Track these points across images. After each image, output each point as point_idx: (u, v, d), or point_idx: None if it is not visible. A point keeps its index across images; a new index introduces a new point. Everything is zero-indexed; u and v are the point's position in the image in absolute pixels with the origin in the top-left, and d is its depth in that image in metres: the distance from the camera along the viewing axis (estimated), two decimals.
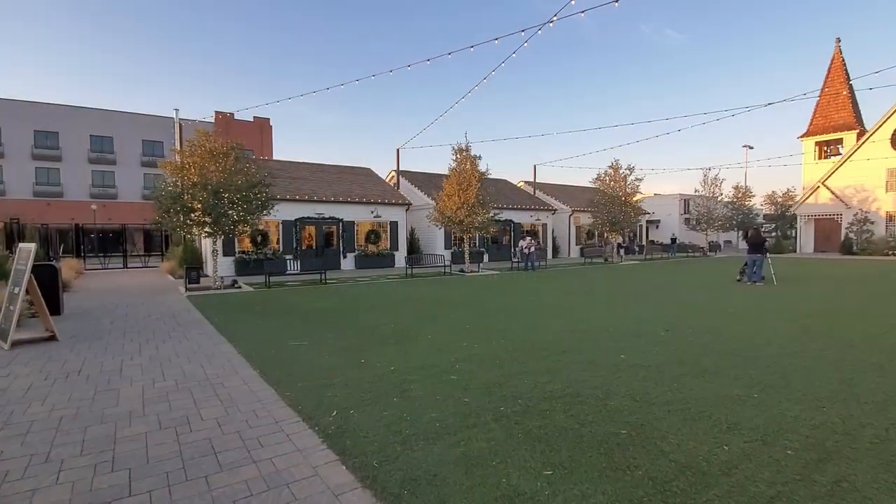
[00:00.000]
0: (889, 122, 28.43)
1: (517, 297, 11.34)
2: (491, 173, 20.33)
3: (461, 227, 19.42)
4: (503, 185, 32.31)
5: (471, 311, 9.07)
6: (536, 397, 4.14)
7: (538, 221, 29.17)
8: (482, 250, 25.82)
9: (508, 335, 6.81)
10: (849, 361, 5.24)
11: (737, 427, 3.47)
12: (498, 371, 4.97)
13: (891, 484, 2.68)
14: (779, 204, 41.11)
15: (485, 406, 3.93)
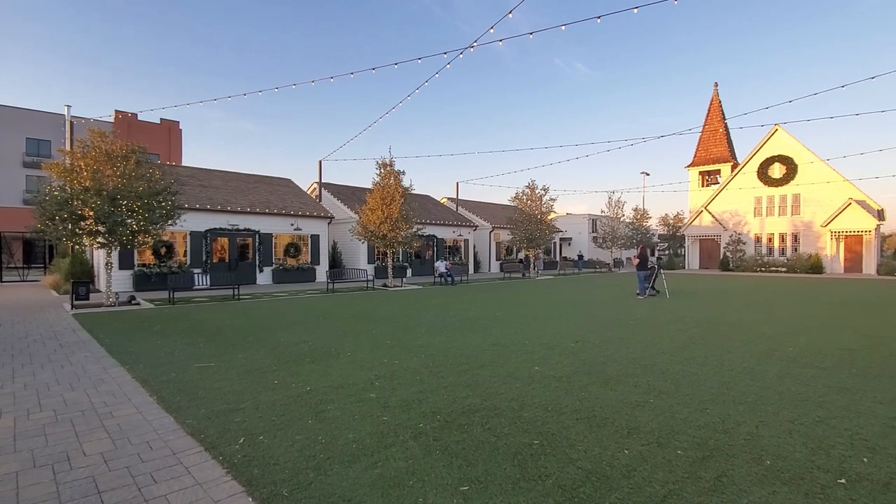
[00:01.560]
0: (755, 157, 32.80)
1: (439, 311, 11.42)
2: (414, 189, 20.46)
3: (384, 242, 19.27)
4: (427, 200, 32.63)
5: (393, 327, 8.97)
6: (455, 412, 4.16)
7: (460, 237, 29.76)
8: (406, 265, 25.78)
9: (429, 350, 6.81)
10: (727, 367, 5.87)
11: (636, 431, 3.73)
12: (418, 387, 4.94)
13: (762, 476, 3.01)
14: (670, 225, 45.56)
15: (404, 424, 3.88)
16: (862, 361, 6.13)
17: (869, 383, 5.11)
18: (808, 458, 3.26)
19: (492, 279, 24.89)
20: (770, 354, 6.57)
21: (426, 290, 18.24)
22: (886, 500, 2.70)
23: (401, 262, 25.22)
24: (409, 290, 17.82)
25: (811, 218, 30.51)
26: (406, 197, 19.56)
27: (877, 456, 3.29)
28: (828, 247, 29.67)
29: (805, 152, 30.80)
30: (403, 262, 25.68)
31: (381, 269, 23.39)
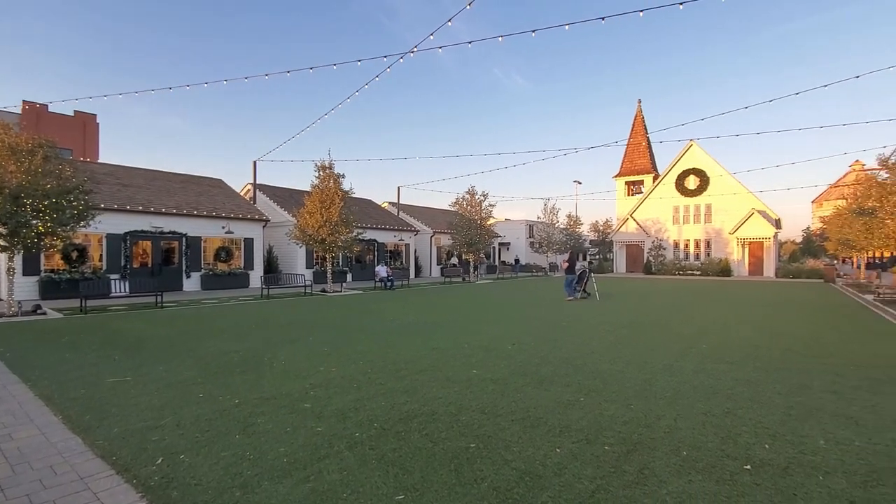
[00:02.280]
0: (674, 169, 35.40)
1: (378, 317, 11.25)
2: (355, 192, 20.09)
3: (323, 246, 18.73)
4: (367, 204, 32.16)
5: (331, 333, 8.71)
6: (393, 419, 4.09)
7: (401, 242, 29.58)
8: (346, 270, 25.22)
9: (368, 356, 6.67)
10: (649, 364, 6.23)
11: (567, 430, 3.85)
12: (355, 394, 4.81)
13: (679, 466, 3.19)
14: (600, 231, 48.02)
15: (339, 433, 3.75)
16: (764, 356, 6.74)
17: (770, 375, 5.62)
18: (719, 447, 3.51)
19: (433, 283, 24.95)
20: (687, 352, 7.05)
21: (366, 295, 17.94)
22: (785, 483, 2.95)
23: (341, 267, 24.64)
24: (349, 296, 17.44)
25: (721, 226, 33.32)
26: (346, 200, 19.15)
27: (777, 442, 3.60)
28: (735, 252, 32.54)
29: (716, 166, 33.65)
30: (343, 267, 25.11)
31: (320, 273, 22.71)
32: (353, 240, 19.83)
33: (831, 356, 6.73)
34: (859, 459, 3.28)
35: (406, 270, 28.45)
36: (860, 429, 3.87)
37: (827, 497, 2.78)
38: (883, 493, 2.80)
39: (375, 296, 17.43)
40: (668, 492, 2.84)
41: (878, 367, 6.09)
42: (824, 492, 2.84)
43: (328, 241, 18.47)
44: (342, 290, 19.20)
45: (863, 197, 19.35)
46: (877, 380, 5.44)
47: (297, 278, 18.79)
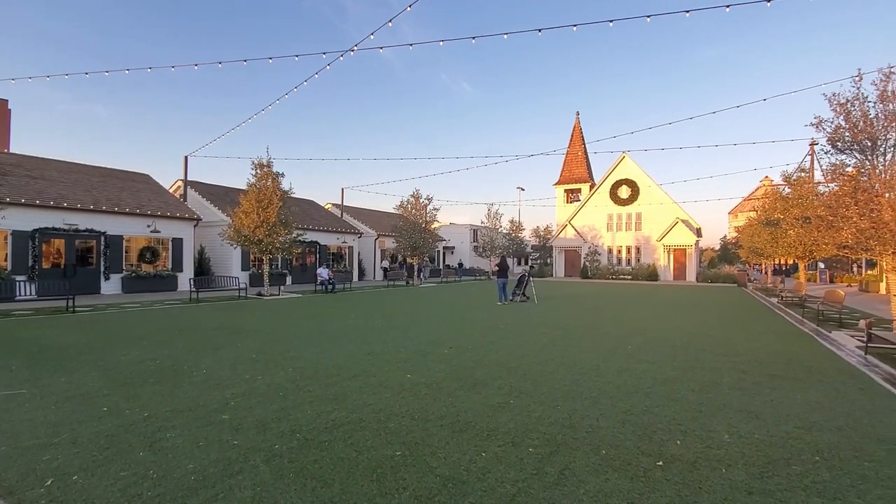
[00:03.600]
0: (608, 179, 37.21)
1: (316, 321, 10.87)
2: (295, 192, 19.40)
3: (260, 248, 17.91)
4: (309, 205, 31.22)
5: (262, 339, 8.28)
6: (318, 428, 3.91)
7: (345, 244, 28.95)
8: (285, 272, 24.28)
9: (299, 362, 6.39)
10: (579, 365, 6.42)
11: (495, 433, 3.85)
12: (279, 404, 4.56)
13: (597, 465, 3.27)
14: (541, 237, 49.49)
15: (257, 446, 3.52)
16: (681, 356, 7.15)
17: (685, 374, 5.95)
18: (636, 444, 3.64)
19: (376, 287, 24.58)
20: (613, 352, 7.35)
21: (306, 298, 17.34)
22: (692, 477, 3.10)
23: (279, 270, 23.70)
24: (287, 299, 16.78)
25: (650, 233, 35.37)
26: (285, 200, 18.46)
27: (688, 438, 3.79)
28: (662, 258, 34.65)
29: (645, 177, 35.72)
30: (283, 270, 24.16)
31: (257, 276, 21.72)
32: (293, 241, 19.13)
33: (738, 355, 7.26)
34: (758, 451, 3.52)
35: (349, 273, 27.86)
36: (760, 422, 4.16)
37: (728, 489, 2.94)
38: (777, 483, 3.01)
39: (315, 299, 16.89)
40: (586, 491, 2.89)
41: (777, 364, 6.64)
42: (726, 484, 3.00)
43: (265, 243, 17.70)
44: (280, 294, 18.45)
45: (769, 209, 21.26)
46: (776, 376, 5.91)
47: (232, 281, 17.84)
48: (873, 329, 7.76)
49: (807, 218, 15.96)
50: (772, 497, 2.83)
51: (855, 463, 3.31)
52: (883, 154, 9.09)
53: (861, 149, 9.32)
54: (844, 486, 2.96)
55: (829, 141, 9.76)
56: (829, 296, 12.06)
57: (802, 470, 3.20)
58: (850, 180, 9.60)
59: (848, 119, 9.34)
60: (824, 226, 11.23)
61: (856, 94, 9.23)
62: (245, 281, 19.93)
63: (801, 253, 18.00)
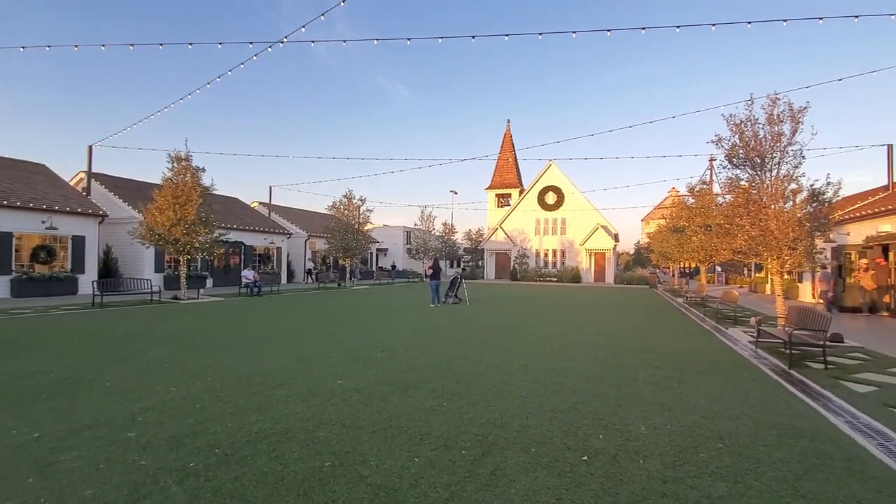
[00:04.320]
0: (536, 186, 38.73)
1: (239, 326, 10.22)
2: (217, 189, 18.17)
3: (176, 248, 16.54)
4: (233, 203, 29.45)
5: (177, 346, 7.62)
6: (239, 442, 3.63)
7: (272, 245, 27.60)
8: (205, 274, 22.66)
9: (219, 371, 5.94)
10: (509, 365, 6.55)
11: (427, 437, 3.80)
12: (195, 417, 4.19)
13: (527, 464, 3.32)
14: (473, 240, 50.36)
15: (169, 466, 3.20)
16: (601, 354, 7.55)
17: (606, 371, 6.28)
18: (562, 441, 3.76)
19: (306, 289, 23.66)
20: (541, 352, 7.60)
21: (228, 302, 16.27)
22: (614, 469, 3.24)
23: (199, 272, 22.08)
24: (207, 303, 15.64)
25: (573, 238, 37.28)
26: (206, 197, 17.21)
27: (609, 432, 3.98)
28: (584, 261, 36.64)
29: (570, 185, 37.63)
30: (202, 271, 22.53)
31: (173, 278, 20.07)
32: (214, 241, 17.89)
33: (651, 351, 7.80)
34: (670, 442, 3.77)
35: (277, 275, 26.61)
36: (671, 414, 4.48)
37: (646, 478, 3.11)
38: (688, 471, 3.23)
39: (239, 303, 15.90)
40: (517, 490, 2.92)
41: (684, 359, 7.21)
42: (644, 474, 3.17)
43: (183, 242, 16.37)
44: (199, 298, 17.15)
45: (676, 218, 23.22)
46: (683, 370, 6.41)
47: (143, 284, 16.30)
48: (762, 326, 8.69)
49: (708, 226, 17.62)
50: (683, 484, 3.03)
51: (752, 448, 3.65)
52: (770, 170, 10.23)
53: (752, 165, 10.41)
54: (743, 470, 3.25)
55: (727, 157, 10.80)
56: (726, 296, 13.37)
57: (708, 457, 3.47)
58: (743, 193, 10.69)
59: (742, 138, 10.40)
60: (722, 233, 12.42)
61: (748, 116, 10.32)
62: (159, 284, 18.35)
63: (703, 257, 19.83)
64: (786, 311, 9.57)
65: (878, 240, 13.67)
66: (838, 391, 5.39)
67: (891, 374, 6.28)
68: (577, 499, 2.83)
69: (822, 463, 3.37)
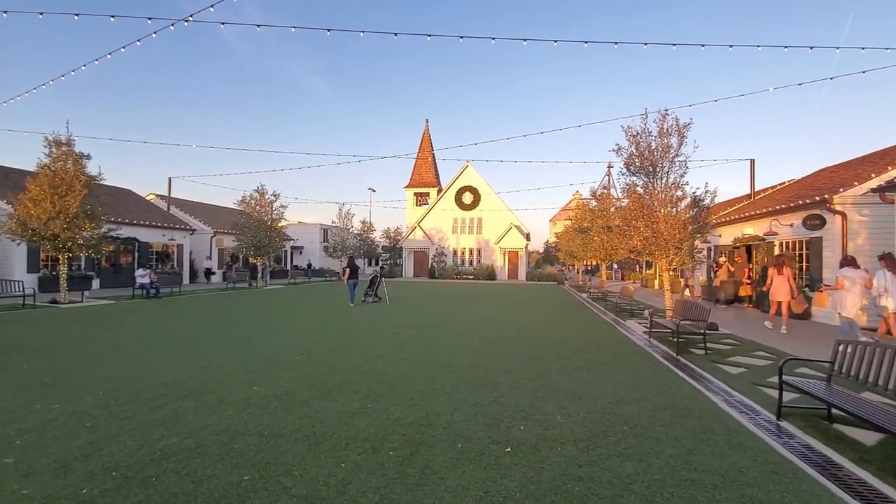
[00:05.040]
0: (454, 186, 39.44)
1: (134, 332, 9.16)
2: (105, 179, 16.11)
3: (55, 244, 14.41)
4: (126, 195, 26.41)
5: (58, 357, 6.64)
6: (141, 462, 3.25)
7: (173, 242, 25.14)
8: (90, 275, 20.03)
9: (112, 383, 5.28)
10: (432, 363, 6.60)
11: (353, 441, 3.69)
12: (86, 437, 3.69)
13: (455, 460, 3.37)
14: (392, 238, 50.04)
15: (56, 494, 2.77)
16: (519, 348, 7.89)
17: (524, 364, 6.57)
18: (487, 434, 3.86)
19: (212, 290, 21.88)
20: (462, 348, 7.75)
21: (120, 306, 14.53)
22: (535, 458, 3.40)
23: (82, 271, 19.47)
24: (94, 307, 13.84)
25: (489, 237, 38.53)
26: (92, 188, 15.20)
27: (529, 423, 4.16)
28: (499, 259, 38.03)
29: (485, 185, 38.83)
30: (87, 271, 19.90)
31: (51, 279, 17.50)
32: (102, 238, 15.88)
33: (562, 344, 8.31)
34: (583, 428, 4.03)
35: (178, 275, 24.30)
36: (583, 402, 4.80)
37: (563, 464, 3.30)
38: (599, 454, 3.48)
39: (133, 307, 14.27)
40: (446, 487, 2.95)
41: (590, 350, 7.78)
42: (561, 460, 3.36)
43: (63, 238, 14.31)
44: (83, 301, 15.12)
45: (581, 219, 24.98)
46: (590, 360, 6.91)
47: (13, 286, 13.98)
48: (654, 317, 9.64)
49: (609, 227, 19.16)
50: (597, 466, 3.26)
51: (651, 429, 4.03)
52: (660, 178, 11.37)
53: (646, 173, 11.50)
54: (645, 450, 3.57)
55: (625, 164, 11.82)
56: (623, 291, 14.64)
57: (616, 440, 3.77)
58: (638, 198, 11.78)
59: (637, 148, 11.45)
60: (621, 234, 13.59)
61: (643, 129, 11.38)
62: (33, 286, 15.88)
63: (604, 256, 21.54)
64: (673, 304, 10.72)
65: (743, 241, 15.82)
66: (716, 373, 6.15)
67: (756, 356, 7.30)
68: (502, 490, 2.93)
69: (708, 438, 3.82)
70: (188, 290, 20.85)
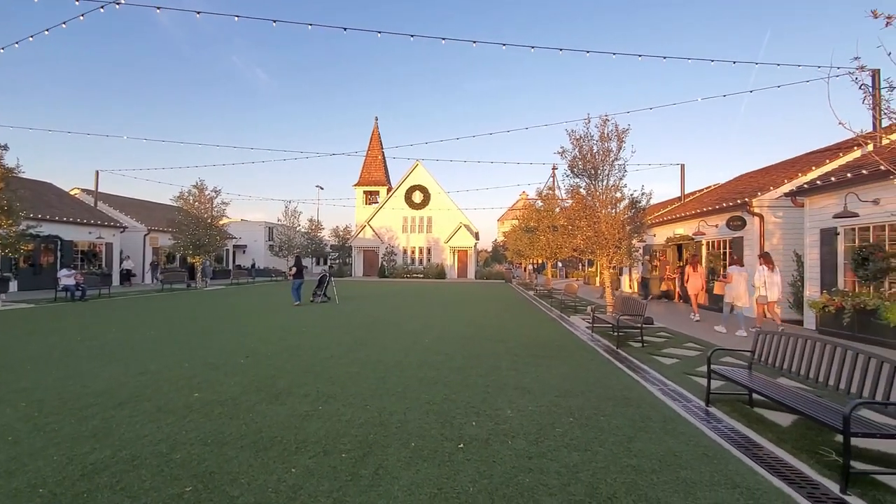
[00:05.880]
0: (404, 184, 39.24)
1: (59, 337, 8.39)
2: (24, 171, 14.62)
3: None
4: (46, 189, 24.12)
5: None
6: (71, 478, 2.99)
7: (100, 240, 23.23)
8: (7, 276, 18.09)
9: (35, 394, 4.81)
10: (383, 362, 6.54)
11: (304, 444, 3.59)
12: (7, 452, 3.34)
13: (408, 459, 3.36)
14: (341, 237, 49.02)
15: None
16: (469, 345, 7.99)
17: (474, 361, 6.66)
18: (440, 432, 3.88)
19: (146, 292, 20.44)
20: (413, 347, 7.74)
21: (41, 309, 13.25)
22: (487, 453, 3.46)
23: None
24: (11, 311, 12.52)
25: (439, 236, 38.68)
26: (9, 181, 13.75)
27: (480, 418, 4.23)
28: (448, 258, 38.28)
29: (435, 185, 38.92)
30: (4, 272, 17.96)
31: None
32: (18, 236, 14.40)
33: (510, 340, 8.51)
34: (532, 421, 4.15)
35: (107, 276, 22.49)
36: (531, 396, 4.94)
37: (514, 457, 3.38)
38: (548, 446, 3.60)
39: (56, 310, 13.05)
40: (400, 487, 2.94)
41: (537, 345, 8.02)
42: (512, 453, 3.45)
43: None
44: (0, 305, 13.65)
45: (527, 219, 25.65)
46: (538, 355, 7.13)
47: None
48: (596, 313, 10.09)
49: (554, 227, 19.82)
50: (545, 458, 3.37)
51: (595, 419, 4.22)
52: (601, 181, 11.91)
53: (588, 175, 12.01)
54: (590, 439, 3.74)
55: (569, 166, 12.28)
56: (568, 288, 15.21)
57: (563, 431, 3.91)
58: (581, 199, 12.28)
59: (581, 151, 11.93)
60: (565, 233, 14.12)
61: (586, 133, 11.87)
62: None
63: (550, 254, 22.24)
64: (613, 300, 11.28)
65: (675, 240, 16.91)
66: (652, 364, 6.53)
67: (687, 348, 7.83)
68: (456, 486, 2.96)
69: (647, 426, 4.06)
70: (118, 293, 19.35)
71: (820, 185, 9.73)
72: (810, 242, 10.22)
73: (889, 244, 8.34)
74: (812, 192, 10.10)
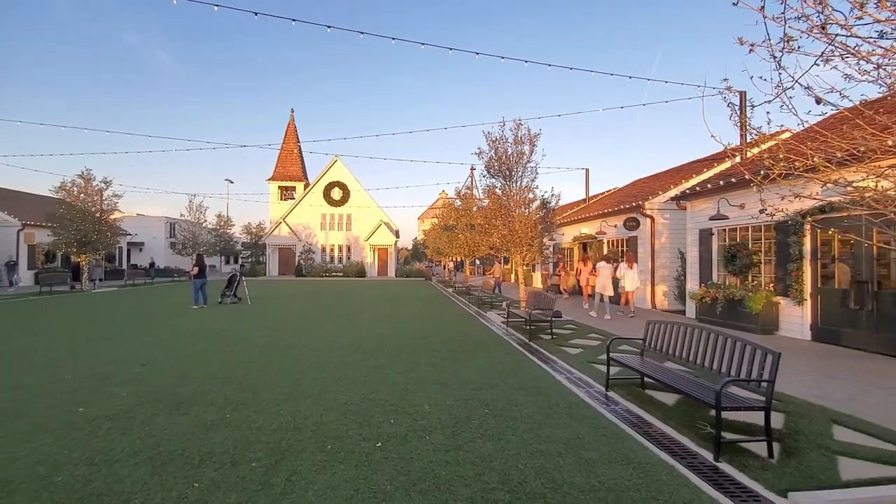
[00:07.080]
0: (322, 180, 37.91)
1: None
2: None
3: None
4: None
5: None
6: None
7: None
8: None
9: None
10: (299, 364, 6.27)
11: (209, 456, 3.34)
12: None
13: (324, 462, 3.26)
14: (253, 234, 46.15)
15: None
16: (389, 343, 7.94)
17: (393, 359, 6.63)
18: (357, 432, 3.82)
19: (23, 295, 17.64)
20: (331, 346, 7.52)
21: None
22: (405, 450, 3.47)
23: None
24: None
25: (359, 234, 37.91)
26: None
27: (399, 416, 4.23)
28: (369, 256, 37.68)
29: (355, 182, 38.07)
30: None
31: None
32: None
33: (429, 337, 8.60)
34: (450, 416, 4.24)
35: None
36: (449, 391, 5.04)
37: (432, 452, 3.43)
38: (465, 438, 3.69)
39: None
40: (315, 491, 2.84)
41: (456, 340, 8.19)
42: (430, 448, 3.49)
43: None
44: None
45: (447, 217, 26.08)
46: (456, 350, 7.28)
47: None
48: (511, 308, 10.54)
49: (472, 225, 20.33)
50: (462, 450, 3.46)
51: (508, 409, 4.41)
52: (515, 182, 12.45)
53: (504, 176, 12.50)
54: (504, 429, 3.90)
55: (486, 167, 12.68)
56: (485, 285, 15.73)
57: (479, 423, 4.04)
58: (497, 199, 12.74)
59: (496, 153, 12.37)
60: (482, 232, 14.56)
61: (501, 136, 12.32)
62: None
63: (468, 252, 22.81)
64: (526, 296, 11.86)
65: (581, 239, 18.20)
66: (560, 355, 6.98)
67: (591, 338, 8.47)
68: (373, 486, 2.93)
69: (554, 412, 4.33)
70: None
71: (699, 190, 11.04)
72: (691, 241, 11.56)
73: (752, 243, 9.70)
74: (692, 197, 11.42)
